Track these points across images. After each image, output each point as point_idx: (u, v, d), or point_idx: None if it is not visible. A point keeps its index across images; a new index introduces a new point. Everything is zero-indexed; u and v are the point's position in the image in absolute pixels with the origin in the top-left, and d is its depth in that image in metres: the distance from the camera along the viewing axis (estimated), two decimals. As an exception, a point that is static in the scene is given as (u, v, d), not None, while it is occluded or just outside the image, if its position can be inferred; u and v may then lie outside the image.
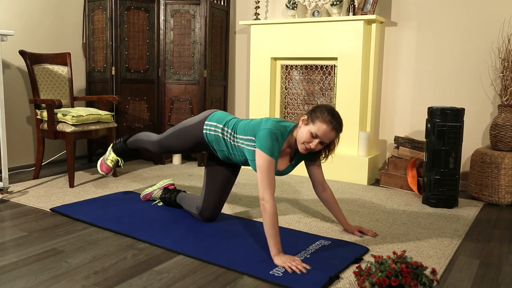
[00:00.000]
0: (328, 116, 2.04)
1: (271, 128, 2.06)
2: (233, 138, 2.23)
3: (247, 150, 2.16)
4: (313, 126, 2.06)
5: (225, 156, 2.33)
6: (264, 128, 2.06)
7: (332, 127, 2.05)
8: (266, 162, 2.01)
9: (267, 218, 1.96)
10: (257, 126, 2.13)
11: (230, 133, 2.24)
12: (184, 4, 3.96)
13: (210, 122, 2.32)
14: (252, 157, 2.13)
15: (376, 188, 3.39)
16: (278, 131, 2.07)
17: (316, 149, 2.09)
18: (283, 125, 2.13)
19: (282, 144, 2.11)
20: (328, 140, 2.08)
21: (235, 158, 2.29)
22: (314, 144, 2.06)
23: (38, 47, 3.84)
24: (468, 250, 2.22)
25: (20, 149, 3.78)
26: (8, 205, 2.79)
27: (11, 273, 1.84)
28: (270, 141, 2.03)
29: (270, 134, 2.04)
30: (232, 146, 2.25)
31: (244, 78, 4.48)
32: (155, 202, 2.84)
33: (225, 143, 2.28)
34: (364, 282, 1.61)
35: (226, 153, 2.30)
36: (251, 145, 2.14)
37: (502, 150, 3.07)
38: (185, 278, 1.83)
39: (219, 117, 2.33)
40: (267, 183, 2.00)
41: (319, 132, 2.04)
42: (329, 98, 3.83)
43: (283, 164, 2.24)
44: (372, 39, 3.60)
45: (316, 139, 2.06)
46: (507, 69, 3.09)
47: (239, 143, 2.20)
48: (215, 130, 2.29)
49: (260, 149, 2.03)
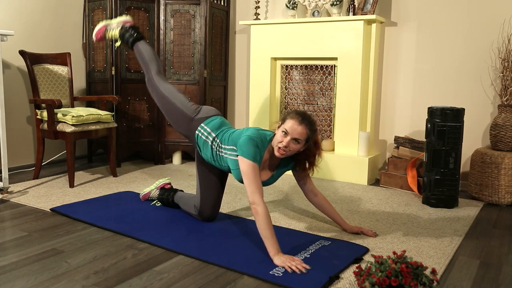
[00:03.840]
0: (296, 114, 2.11)
1: (250, 135, 2.11)
2: (219, 149, 2.27)
3: (230, 160, 2.21)
4: (283, 125, 2.11)
5: (209, 161, 2.38)
6: (244, 135, 2.12)
7: (300, 121, 2.08)
8: (249, 167, 2.05)
9: (260, 221, 1.99)
10: (238, 135, 2.19)
11: (217, 144, 2.29)
12: (184, 4, 3.96)
13: (205, 126, 2.35)
14: (235, 166, 2.17)
15: (376, 188, 3.39)
16: (258, 137, 2.12)
17: (290, 148, 2.09)
18: (263, 133, 2.18)
19: (263, 151, 2.14)
20: (298, 135, 2.07)
21: (219, 166, 2.34)
22: (286, 141, 2.07)
23: (38, 47, 3.83)
24: (468, 250, 2.22)
25: (20, 149, 3.78)
26: (8, 205, 2.79)
27: (11, 273, 1.84)
28: (251, 147, 2.08)
29: (250, 140, 2.09)
30: (217, 156, 2.29)
31: (244, 78, 4.48)
32: (153, 203, 2.84)
33: (211, 151, 2.32)
34: (364, 282, 1.61)
35: (210, 159, 2.35)
36: (233, 155, 2.18)
37: (502, 150, 3.07)
38: (185, 278, 1.83)
39: (216, 124, 2.35)
40: (255, 187, 2.03)
41: (288, 128, 2.07)
42: (329, 98, 3.83)
43: (265, 175, 2.26)
44: (372, 39, 3.60)
45: (287, 137, 2.08)
46: (507, 69, 3.09)
47: (223, 153, 2.25)
48: (207, 137, 2.33)
49: (242, 156, 2.08)
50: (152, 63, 2.63)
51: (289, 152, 2.11)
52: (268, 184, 2.28)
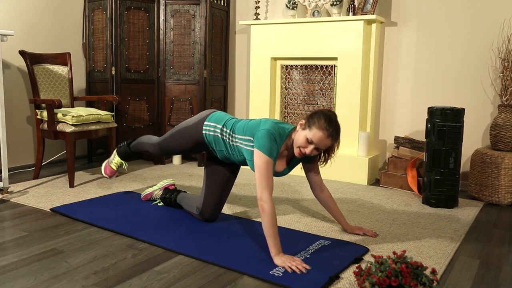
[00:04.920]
0: (324, 123, 2.03)
1: (269, 129, 2.06)
2: (232, 138, 2.24)
3: (245, 150, 2.17)
4: (309, 131, 2.05)
5: (224, 156, 2.34)
6: (262, 129, 2.07)
7: (328, 135, 2.03)
8: (264, 162, 2.02)
9: (265, 219, 1.96)
10: (255, 126, 2.14)
11: (228, 133, 2.25)
12: (184, 4, 3.96)
13: (209, 122, 2.33)
14: (250, 157, 2.14)
15: (376, 188, 3.39)
16: (277, 132, 2.08)
17: (311, 155, 2.09)
18: (282, 127, 2.14)
19: (280, 145, 2.11)
20: (323, 146, 2.07)
21: (233, 158, 2.29)
22: (309, 150, 2.06)
23: (38, 47, 3.84)
24: (468, 250, 2.22)
25: (20, 149, 3.78)
26: (8, 205, 2.79)
27: (11, 273, 1.84)
28: (269, 142, 2.04)
29: (268, 134, 2.05)
30: (231, 146, 2.25)
31: (244, 78, 4.48)
32: (155, 202, 2.84)
33: (224, 143, 2.28)
34: (364, 282, 1.61)
35: (225, 153, 2.31)
36: (249, 145, 2.14)
37: (502, 150, 3.07)
38: (185, 278, 1.83)
39: (218, 117, 2.33)
40: (265, 184, 2.00)
41: (314, 139, 2.03)
42: (329, 98, 3.83)
43: (281, 166, 2.24)
44: (372, 39, 3.60)
45: (311, 145, 2.05)
46: (507, 69, 3.09)
47: (237, 143, 2.21)
48: (214, 130, 2.30)
49: (258, 149, 2.04)
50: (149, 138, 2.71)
51: (307, 156, 2.11)
52: (282, 175, 2.26)
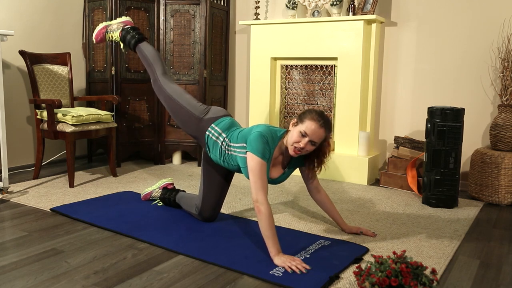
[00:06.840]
0: (316, 115, 2.08)
1: (261, 131, 2.09)
2: (228, 147, 2.24)
3: (240, 158, 2.18)
4: (301, 125, 2.08)
5: (217, 161, 2.34)
6: (254, 132, 2.09)
7: (320, 125, 2.06)
8: (257, 164, 2.03)
9: (262, 220, 1.97)
10: (248, 132, 2.16)
11: (226, 143, 2.26)
12: (184, 4, 3.96)
13: (216, 127, 2.32)
14: (245, 164, 2.14)
15: (376, 188, 3.39)
16: (269, 135, 2.10)
17: (306, 149, 2.09)
18: (274, 130, 2.16)
19: (273, 148, 2.12)
20: (317, 138, 2.07)
21: (227, 165, 2.30)
22: (303, 143, 2.06)
23: (38, 47, 3.83)
24: (468, 250, 2.22)
25: (20, 149, 3.78)
26: (8, 205, 2.79)
27: (11, 273, 1.84)
28: (261, 144, 2.05)
29: (260, 137, 2.06)
30: (226, 155, 2.26)
31: (244, 78, 4.48)
32: (154, 202, 2.84)
33: (220, 151, 2.29)
34: (364, 282, 1.61)
35: (219, 160, 2.32)
36: (243, 152, 2.15)
37: (502, 150, 3.07)
38: (185, 278, 1.83)
39: (226, 124, 2.32)
40: (260, 185, 2.01)
41: (308, 130, 2.05)
42: (329, 98, 3.83)
43: (276, 172, 2.24)
44: (372, 39, 3.60)
45: (305, 138, 2.06)
46: (507, 69, 3.09)
47: (232, 152, 2.22)
48: (218, 137, 2.30)
49: (251, 152, 2.05)
50: (157, 64, 2.57)
51: (304, 152, 2.11)
52: (278, 182, 2.26)
